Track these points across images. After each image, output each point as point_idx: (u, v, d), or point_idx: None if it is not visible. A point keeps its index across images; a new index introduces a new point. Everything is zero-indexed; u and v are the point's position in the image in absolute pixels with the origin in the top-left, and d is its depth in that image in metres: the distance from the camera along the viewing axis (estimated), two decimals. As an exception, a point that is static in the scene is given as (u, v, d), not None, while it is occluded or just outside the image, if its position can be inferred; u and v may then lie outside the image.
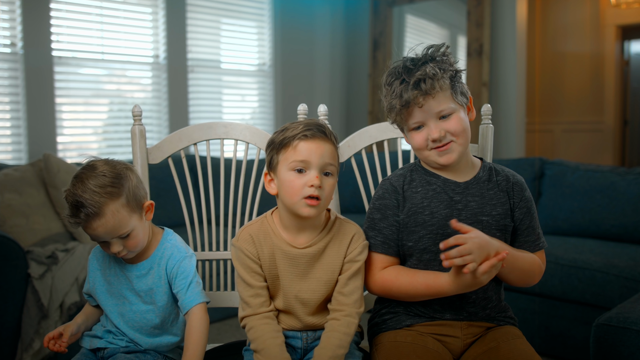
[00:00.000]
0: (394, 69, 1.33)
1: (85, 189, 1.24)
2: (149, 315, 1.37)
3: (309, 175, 1.25)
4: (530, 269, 1.34)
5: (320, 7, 4.99)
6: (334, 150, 1.29)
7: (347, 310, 1.30)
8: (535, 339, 2.68)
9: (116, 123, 3.91)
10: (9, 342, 2.42)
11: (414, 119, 1.30)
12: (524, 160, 3.40)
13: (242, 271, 1.32)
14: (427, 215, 1.32)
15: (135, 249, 1.33)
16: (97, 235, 1.27)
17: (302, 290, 1.32)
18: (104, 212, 1.24)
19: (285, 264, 1.31)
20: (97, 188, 1.24)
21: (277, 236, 1.32)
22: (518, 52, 4.46)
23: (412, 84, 1.27)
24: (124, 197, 1.27)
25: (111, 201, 1.25)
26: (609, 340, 1.63)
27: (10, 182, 2.80)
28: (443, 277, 1.26)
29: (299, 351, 1.35)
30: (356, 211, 3.26)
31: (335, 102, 5.18)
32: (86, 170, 1.28)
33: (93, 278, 1.41)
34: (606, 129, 5.82)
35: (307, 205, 1.25)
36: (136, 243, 1.31)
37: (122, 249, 1.30)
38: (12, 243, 2.41)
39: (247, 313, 1.31)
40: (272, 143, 1.30)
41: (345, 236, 1.34)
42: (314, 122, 1.29)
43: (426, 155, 1.33)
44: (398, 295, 1.34)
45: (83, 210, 1.23)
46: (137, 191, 1.31)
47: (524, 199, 1.36)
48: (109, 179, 1.26)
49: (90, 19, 3.69)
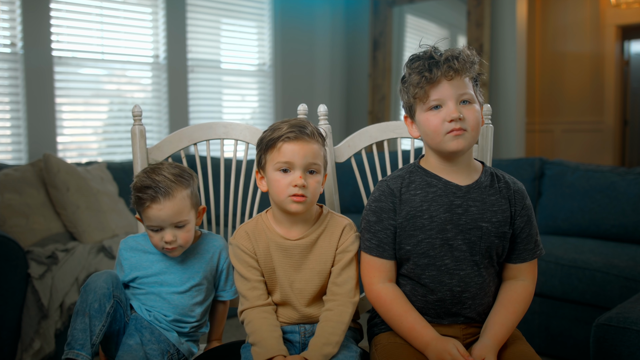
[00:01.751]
0: (422, 52, 1.32)
1: (159, 173, 1.38)
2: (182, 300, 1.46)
3: (293, 175, 1.32)
4: (524, 310, 1.35)
5: (320, 7, 4.99)
6: (319, 149, 1.34)
7: (340, 300, 1.34)
8: (535, 339, 2.68)
9: (116, 123, 3.91)
10: (9, 342, 2.42)
11: (436, 95, 1.28)
12: (524, 160, 3.40)
13: (239, 266, 1.38)
14: (426, 219, 1.31)
15: (185, 244, 1.41)
16: (158, 217, 1.36)
17: (297, 280, 1.37)
18: (173, 194, 1.37)
19: (280, 255, 1.37)
20: (170, 175, 1.38)
21: (271, 231, 1.38)
22: (518, 52, 4.46)
23: (444, 59, 1.27)
24: (190, 189, 1.41)
25: (181, 188, 1.39)
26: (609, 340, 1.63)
27: (10, 182, 2.80)
28: (431, 332, 1.28)
29: (297, 345, 1.37)
30: (356, 211, 3.26)
31: (335, 102, 5.18)
32: (157, 164, 1.43)
33: (129, 265, 1.46)
34: (606, 129, 5.82)
35: (294, 202, 1.32)
36: (188, 237, 1.41)
37: (175, 239, 1.38)
38: (12, 243, 2.41)
39: (245, 306, 1.36)
40: (260, 143, 1.36)
41: (337, 228, 1.39)
42: (297, 122, 1.34)
43: (438, 141, 1.30)
44: (384, 317, 1.36)
45: (154, 190, 1.35)
46: (197, 192, 1.45)
47: (525, 207, 1.35)
48: (180, 170, 1.42)
49: (90, 19, 3.69)
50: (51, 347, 2.48)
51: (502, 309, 1.32)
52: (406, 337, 1.31)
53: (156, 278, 1.44)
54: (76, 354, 1.30)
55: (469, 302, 1.32)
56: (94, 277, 1.38)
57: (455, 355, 1.21)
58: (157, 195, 1.35)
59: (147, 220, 1.39)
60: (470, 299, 1.32)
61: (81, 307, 1.33)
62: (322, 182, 1.37)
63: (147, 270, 1.45)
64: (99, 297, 1.34)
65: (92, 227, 2.88)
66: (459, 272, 1.30)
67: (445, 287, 1.31)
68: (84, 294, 1.35)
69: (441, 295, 1.32)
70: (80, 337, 1.31)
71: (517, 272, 1.37)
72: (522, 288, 1.35)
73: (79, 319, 1.33)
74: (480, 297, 1.33)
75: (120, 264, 1.47)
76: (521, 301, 1.34)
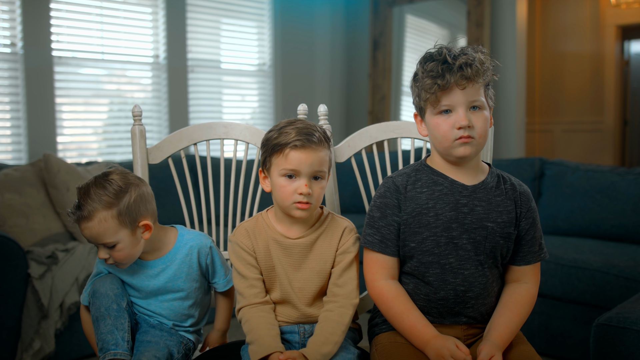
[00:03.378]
0: (436, 52, 1.30)
1: (87, 191, 1.33)
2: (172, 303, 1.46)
3: (298, 182, 1.31)
4: (527, 313, 1.35)
5: (320, 7, 4.99)
6: (325, 155, 1.34)
7: (340, 301, 1.34)
8: (535, 339, 2.68)
9: (116, 123, 3.91)
10: (9, 342, 2.42)
11: (447, 101, 1.27)
12: (524, 160, 3.40)
13: (237, 263, 1.38)
14: (432, 217, 1.31)
15: (122, 261, 1.36)
16: (85, 237, 1.35)
17: (297, 279, 1.36)
18: (92, 216, 1.31)
19: (280, 254, 1.37)
20: (95, 195, 1.32)
21: (271, 229, 1.38)
22: (518, 52, 4.46)
23: (457, 66, 1.25)
24: (116, 209, 1.32)
25: (103, 209, 1.31)
26: (609, 340, 1.63)
27: (10, 182, 2.80)
28: (431, 330, 1.28)
29: (296, 346, 1.37)
30: (356, 211, 3.26)
31: (335, 102, 5.18)
32: (100, 176, 1.37)
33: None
34: (606, 129, 5.82)
35: (298, 209, 1.32)
36: (122, 256, 1.35)
37: (109, 257, 1.36)
38: (12, 243, 2.41)
39: (242, 304, 1.36)
40: (266, 144, 1.35)
41: (337, 229, 1.39)
42: (305, 129, 1.32)
43: (446, 146, 1.30)
44: (385, 314, 1.35)
45: (78, 211, 1.32)
46: (135, 208, 1.35)
47: (531, 209, 1.36)
48: (111, 188, 1.33)
49: (90, 19, 3.69)
50: (51, 347, 2.48)
51: (507, 310, 1.32)
52: (407, 335, 1.31)
53: (140, 293, 1.45)
54: (113, 354, 1.31)
55: (472, 302, 1.32)
56: (99, 283, 1.39)
57: (453, 351, 1.21)
58: (79, 219, 1.32)
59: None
60: (473, 299, 1.32)
61: (99, 313, 1.34)
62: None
63: (139, 284, 1.44)
64: (113, 298, 1.36)
65: (92, 227, 2.88)
66: (463, 272, 1.31)
67: (449, 286, 1.31)
68: (96, 301, 1.35)
69: (445, 294, 1.32)
70: (110, 338, 1.32)
71: (521, 275, 1.37)
72: (525, 291, 1.36)
73: (102, 324, 1.33)
74: (484, 297, 1.33)
75: None
76: (525, 304, 1.34)
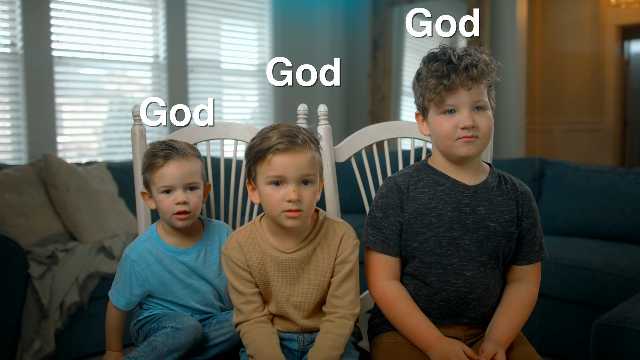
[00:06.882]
0: (440, 52, 1.30)
1: (175, 143, 1.44)
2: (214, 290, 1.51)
3: (286, 189, 1.23)
4: (529, 313, 1.35)
5: (320, 7, 4.99)
6: (312, 158, 1.25)
7: (341, 312, 1.30)
8: (535, 339, 2.68)
9: (116, 123, 3.91)
10: (9, 342, 2.42)
11: (451, 101, 1.27)
12: (524, 160, 3.40)
13: (232, 279, 1.32)
14: (434, 217, 1.31)
15: (194, 210, 1.41)
16: (172, 175, 1.38)
17: (294, 294, 1.31)
18: (188, 156, 1.42)
19: (275, 269, 1.31)
20: (185, 145, 1.44)
21: (265, 242, 1.31)
22: (518, 52, 4.46)
23: (463, 67, 1.25)
24: (201, 161, 1.47)
25: (194, 156, 1.45)
26: (609, 340, 1.63)
27: (10, 182, 2.80)
28: (435, 332, 1.27)
29: (295, 354, 1.35)
30: (356, 211, 3.26)
31: (335, 102, 5.18)
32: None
33: (143, 280, 1.44)
34: (606, 129, 5.82)
35: (288, 218, 1.24)
36: (198, 203, 1.42)
37: (187, 201, 1.39)
38: (12, 243, 2.41)
39: (241, 320, 1.32)
40: (249, 153, 1.28)
41: (335, 237, 1.33)
42: (288, 131, 1.24)
43: (449, 145, 1.30)
44: (387, 315, 1.35)
45: (170, 150, 1.40)
46: (203, 170, 1.48)
47: (532, 209, 1.36)
48: (193, 146, 1.48)
49: (90, 19, 3.68)
50: (51, 347, 2.48)
51: (508, 310, 1.32)
52: (409, 336, 1.30)
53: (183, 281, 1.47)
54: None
55: (474, 304, 1.32)
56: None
57: (461, 357, 1.21)
58: (172, 153, 1.39)
59: (159, 181, 1.39)
60: (475, 300, 1.32)
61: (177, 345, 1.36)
62: (319, 189, 1.30)
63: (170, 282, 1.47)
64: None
65: (92, 227, 2.88)
66: (465, 273, 1.30)
67: (451, 287, 1.31)
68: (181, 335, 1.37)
69: (446, 295, 1.31)
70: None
71: (522, 275, 1.37)
72: (526, 290, 1.36)
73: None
74: (486, 299, 1.33)
75: (133, 278, 1.44)
76: (526, 303, 1.34)
